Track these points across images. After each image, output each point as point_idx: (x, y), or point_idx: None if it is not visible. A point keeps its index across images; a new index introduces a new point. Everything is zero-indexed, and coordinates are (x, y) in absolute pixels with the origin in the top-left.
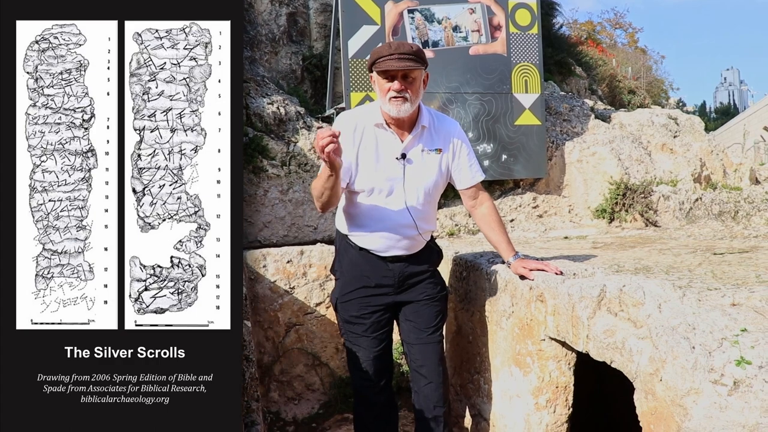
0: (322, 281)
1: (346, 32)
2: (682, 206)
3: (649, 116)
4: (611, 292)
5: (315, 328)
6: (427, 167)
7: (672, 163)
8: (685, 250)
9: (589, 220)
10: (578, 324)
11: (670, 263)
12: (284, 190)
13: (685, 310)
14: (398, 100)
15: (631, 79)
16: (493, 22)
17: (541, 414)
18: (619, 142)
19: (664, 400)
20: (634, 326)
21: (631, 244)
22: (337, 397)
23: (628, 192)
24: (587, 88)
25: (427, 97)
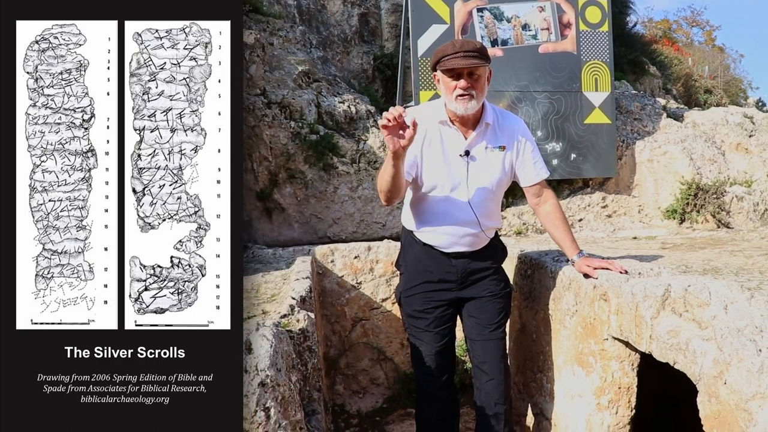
0: (388, 277)
1: (416, 31)
2: (756, 207)
3: (724, 115)
4: (676, 292)
5: (381, 323)
6: (490, 164)
7: (747, 163)
8: (758, 252)
9: (659, 221)
10: (641, 324)
11: (740, 265)
12: (354, 187)
13: (753, 312)
14: (465, 98)
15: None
16: (563, 20)
17: (602, 415)
18: (692, 141)
19: (728, 403)
20: (699, 327)
21: (701, 245)
22: (401, 392)
23: (699, 192)
24: (662, 88)
25: (497, 95)
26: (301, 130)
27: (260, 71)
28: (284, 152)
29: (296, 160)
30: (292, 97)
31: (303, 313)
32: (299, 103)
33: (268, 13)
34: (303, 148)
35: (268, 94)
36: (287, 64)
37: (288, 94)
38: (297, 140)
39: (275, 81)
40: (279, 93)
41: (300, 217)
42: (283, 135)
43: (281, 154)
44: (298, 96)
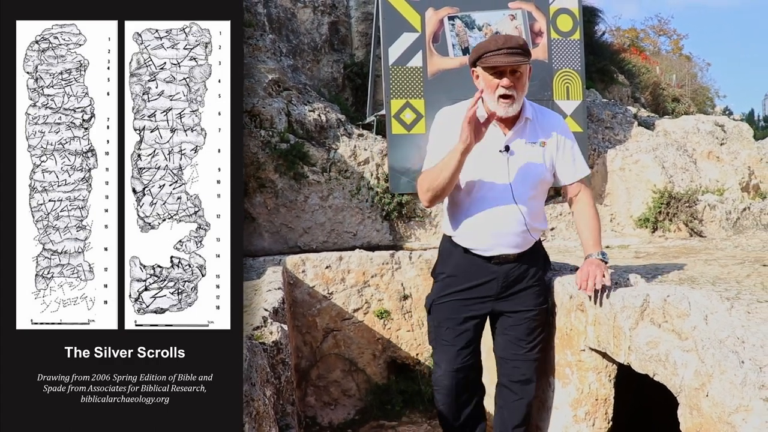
0: (360, 287)
1: (387, 40)
2: (729, 216)
3: (695, 123)
4: (655, 303)
5: (352, 333)
6: (531, 159)
7: (718, 171)
8: (733, 261)
9: (632, 230)
10: (620, 335)
11: (716, 274)
12: (324, 196)
13: (734, 322)
14: (507, 101)
15: (676, 87)
16: (534, 28)
17: (579, 426)
18: (663, 149)
19: (710, 416)
20: (679, 338)
21: (674, 254)
22: (373, 404)
23: (672, 201)
24: (630, 96)
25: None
26: (272, 139)
27: None
28: (254, 161)
29: (266, 169)
30: (262, 105)
31: (276, 324)
32: (269, 111)
33: None
34: (273, 157)
35: None
36: (257, 73)
37: (258, 102)
38: (267, 149)
39: (245, 89)
40: (249, 101)
41: (270, 226)
42: (253, 144)
43: (251, 163)
44: (268, 104)
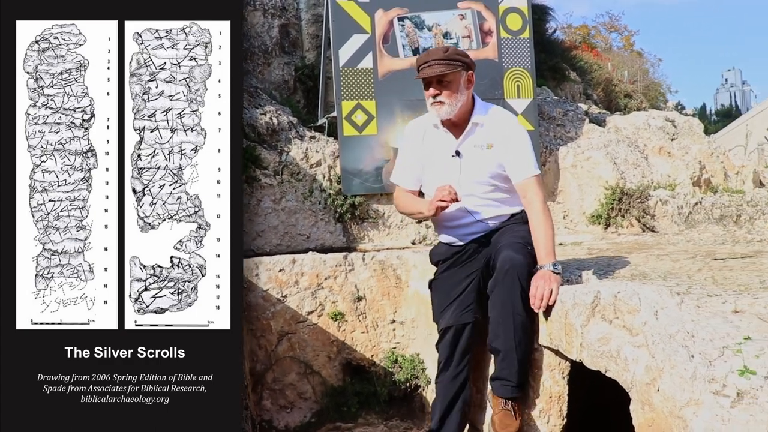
0: (314, 290)
1: (337, 41)
2: (680, 211)
3: (646, 119)
4: (605, 299)
5: (307, 336)
6: (480, 162)
7: (670, 166)
8: (684, 255)
9: (585, 226)
10: (572, 332)
11: (668, 269)
12: (277, 199)
13: (684, 317)
14: (436, 105)
15: (628, 83)
16: (484, 27)
17: (534, 424)
18: (615, 146)
19: (661, 411)
20: (630, 334)
21: (627, 250)
22: (329, 406)
23: (624, 197)
24: (582, 93)
25: (418, 104)
26: None
27: None
28: None
29: None
30: None
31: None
32: None
33: None
34: None
35: None
36: None
37: None
38: None
39: None
40: None
41: None
42: None
43: None
44: None
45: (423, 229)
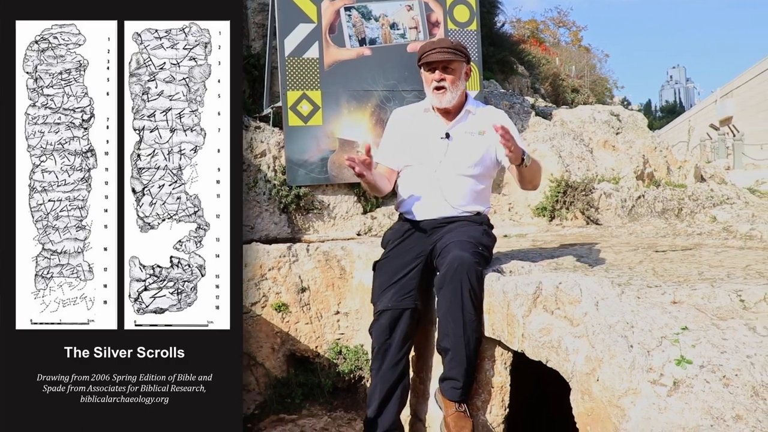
0: (257, 281)
1: (283, 31)
2: (624, 204)
3: (591, 113)
4: (547, 290)
5: (250, 327)
6: (470, 147)
7: (614, 160)
8: (626, 247)
9: (530, 219)
10: (514, 322)
11: (610, 261)
12: None
13: (624, 307)
14: (440, 92)
15: (575, 78)
16: (431, 18)
17: (476, 415)
18: (560, 139)
19: (600, 400)
20: (571, 324)
21: (571, 241)
22: (273, 398)
23: (569, 190)
24: (530, 87)
25: (365, 95)
26: None
27: None
28: None
29: None
30: None
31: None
32: None
33: None
34: None
35: None
36: None
37: None
38: None
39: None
40: None
41: None
42: None
43: None
44: None
45: (369, 221)
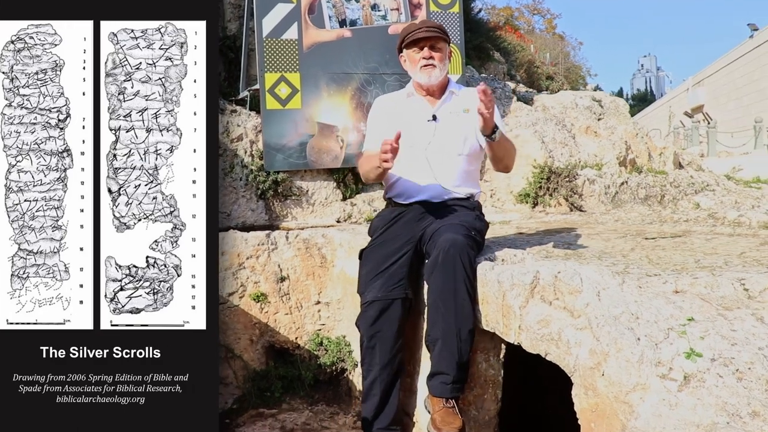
0: (234, 270)
1: (260, 10)
2: (607, 190)
3: (573, 98)
4: (545, 279)
5: (228, 319)
6: (457, 127)
7: (596, 146)
8: (615, 234)
9: (512, 205)
10: (510, 314)
11: (601, 248)
12: None
13: (627, 298)
14: (428, 68)
15: (549, 65)
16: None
17: (468, 409)
18: (543, 124)
19: (606, 396)
20: (571, 316)
21: (557, 228)
22: (252, 391)
23: (552, 176)
24: (506, 74)
25: (345, 78)
26: None
27: None
28: None
29: None
30: None
31: None
32: None
33: None
34: None
35: None
36: None
37: None
38: None
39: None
40: None
41: None
42: None
43: None
44: None
45: (348, 207)
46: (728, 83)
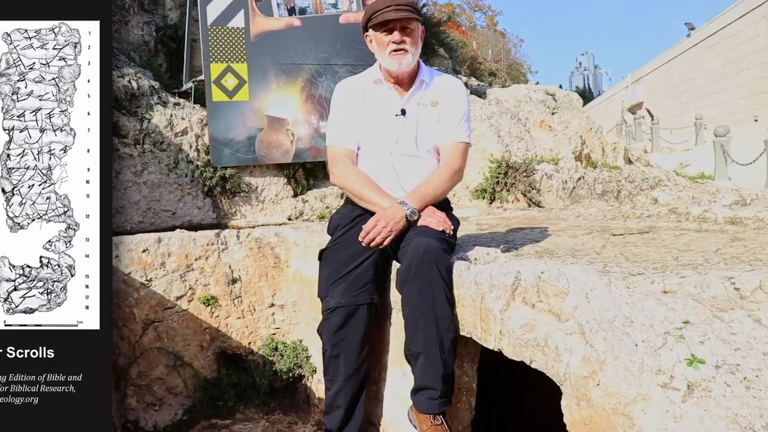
0: (183, 272)
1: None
2: (565, 185)
3: (526, 92)
4: (527, 280)
5: (176, 324)
6: (423, 122)
7: (552, 140)
8: (580, 231)
9: (468, 201)
10: (489, 318)
11: (570, 245)
12: (138, 171)
13: (617, 299)
14: (399, 53)
15: (492, 62)
16: None
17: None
18: (498, 118)
19: (602, 408)
20: (558, 320)
21: (518, 225)
22: (203, 401)
23: (510, 171)
24: (451, 69)
25: (295, 69)
26: None
27: None
28: None
29: None
30: None
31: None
32: None
33: None
34: None
35: None
36: None
37: None
38: None
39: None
40: None
41: None
42: None
43: None
44: None
45: (300, 204)
46: (666, 81)
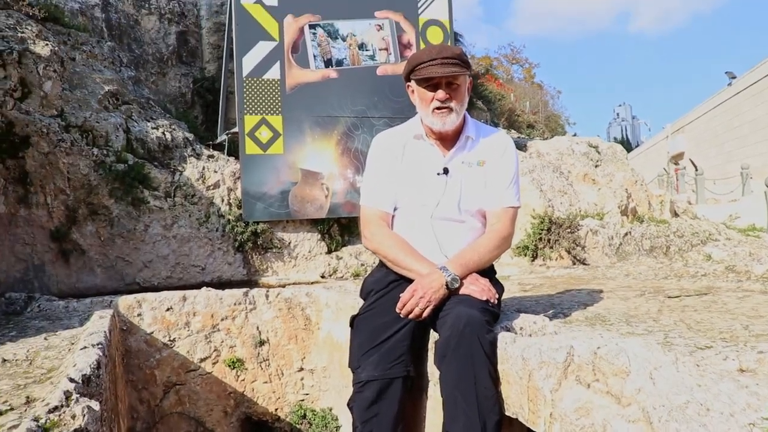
0: (208, 332)
1: (241, 49)
2: (611, 242)
3: (569, 144)
4: (582, 357)
5: (199, 388)
6: (468, 182)
7: (596, 194)
8: (631, 292)
9: (509, 258)
10: (538, 398)
11: (623, 310)
12: (168, 225)
13: (686, 380)
14: (443, 112)
15: (530, 113)
16: (403, 39)
17: None
18: (540, 171)
19: None
20: (618, 403)
21: (564, 285)
22: None
23: (553, 227)
24: (489, 122)
25: (330, 121)
26: (106, 159)
27: (57, 89)
28: (85, 184)
29: (99, 193)
30: (96, 120)
31: (82, 405)
32: (104, 127)
33: (70, 24)
34: (108, 180)
35: (66, 116)
36: (91, 83)
37: (91, 116)
38: (101, 170)
39: (76, 101)
40: (80, 115)
41: (104, 260)
42: (83, 164)
43: (81, 186)
44: (103, 119)
45: (334, 261)
46: (708, 130)
